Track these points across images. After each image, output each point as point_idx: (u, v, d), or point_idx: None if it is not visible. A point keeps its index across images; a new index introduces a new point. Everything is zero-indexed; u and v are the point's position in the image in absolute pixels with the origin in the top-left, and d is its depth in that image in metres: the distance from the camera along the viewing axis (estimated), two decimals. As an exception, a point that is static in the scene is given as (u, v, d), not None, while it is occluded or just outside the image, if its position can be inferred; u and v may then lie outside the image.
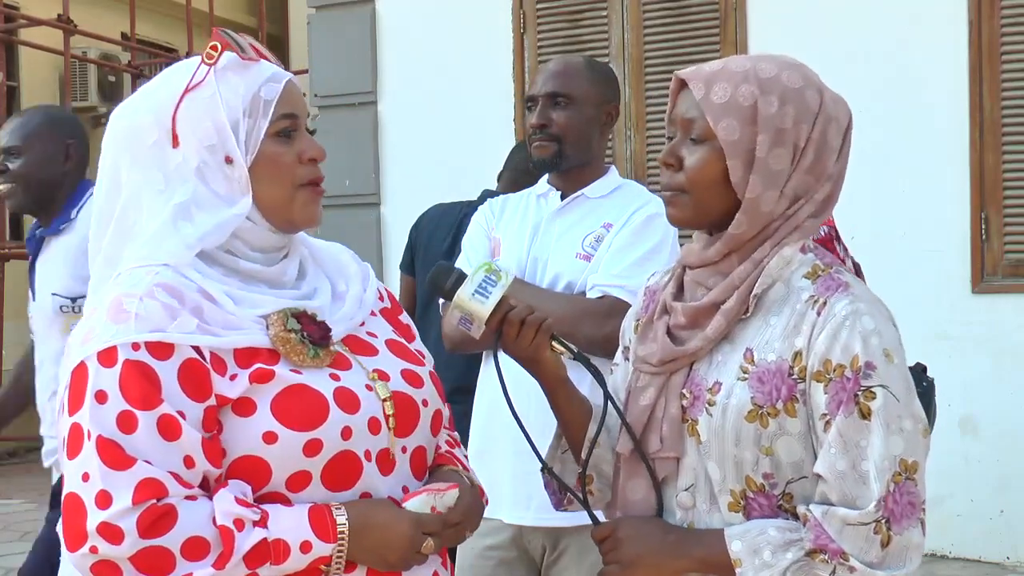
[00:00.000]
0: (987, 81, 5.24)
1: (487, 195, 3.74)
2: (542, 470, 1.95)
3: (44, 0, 9.33)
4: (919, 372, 2.97)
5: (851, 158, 1.80)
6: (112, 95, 10.26)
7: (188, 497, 1.51)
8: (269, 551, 1.52)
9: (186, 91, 1.63)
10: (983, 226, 5.27)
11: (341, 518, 1.57)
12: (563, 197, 2.73)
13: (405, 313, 1.90)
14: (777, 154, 1.69)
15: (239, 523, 1.51)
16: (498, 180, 4.06)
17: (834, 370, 1.64)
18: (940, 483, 5.11)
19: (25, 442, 9.14)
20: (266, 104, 1.64)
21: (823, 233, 2.89)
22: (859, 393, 1.63)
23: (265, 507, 1.55)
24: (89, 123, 10.55)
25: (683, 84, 1.76)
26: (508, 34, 6.13)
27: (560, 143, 2.68)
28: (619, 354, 1.98)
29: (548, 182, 2.78)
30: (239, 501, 1.53)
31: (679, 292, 1.82)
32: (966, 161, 5.28)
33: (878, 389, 1.63)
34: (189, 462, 1.52)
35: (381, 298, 1.84)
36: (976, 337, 5.28)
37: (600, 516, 1.85)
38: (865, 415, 1.62)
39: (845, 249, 2.94)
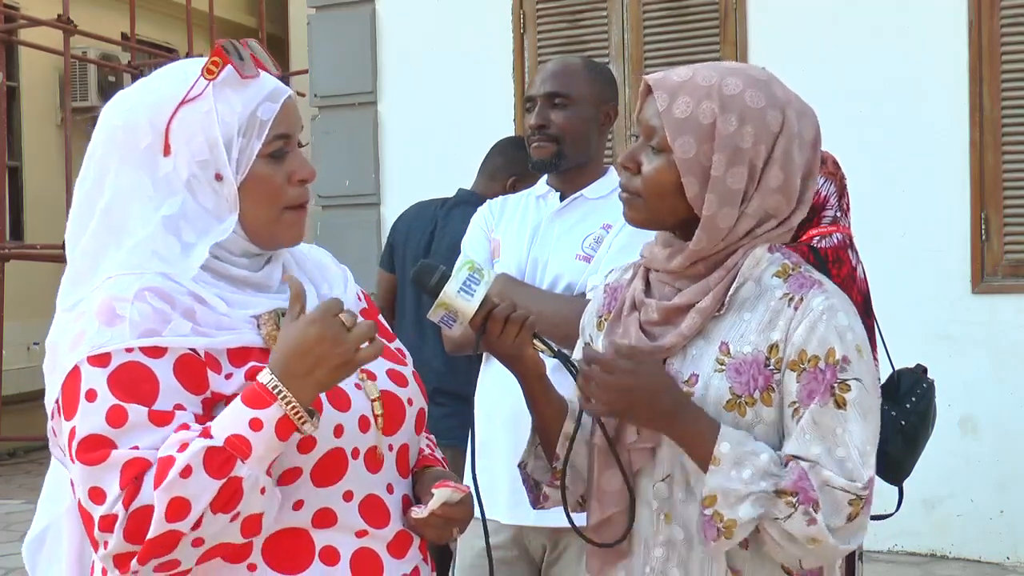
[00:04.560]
0: (987, 81, 5.24)
1: (463, 193, 3.76)
2: (520, 465, 1.96)
3: (44, 0, 9.34)
4: (919, 373, 2.96)
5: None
6: (112, 95, 10.23)
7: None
8: (227, 452, 1.47)
9: (182, 102, 1.62)
10: (983, 226, 5.27)
11: (264, 376, 1.51)
12: (562, 198, 2.73)
13: (380, 315, 1.90)
14: (735, 173, 1.71)
15: (183, 446, 1.47)
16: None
17: (808, 360, 1.69)
18: (940, 483, 5.11)
19: (25, 442, 9.15)
20: (261, 124, 1.62)
21: (836, 241, 2.87)
22: (835, 385, 1.69)
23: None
24: (89, 123, 10.55)
25: (651, 89, 1.78)
26: (508, 34, 6.13)
27: (559, 143, 2.69)
28: (578, 350, 1.99)
29: (547, 183, 2.78)
30: (183, 427, 1.48)
31: (647, 289, 1.85)
32: (966, 161, 5.28)
33: (853, 382, 1.69)
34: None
35: (360, 299, 1.85)
36: (976, 337, 5.29)
37: (579, 519, 1.86)
38: (841, 405, 1.68)
39: (857, 256, 2.92)
